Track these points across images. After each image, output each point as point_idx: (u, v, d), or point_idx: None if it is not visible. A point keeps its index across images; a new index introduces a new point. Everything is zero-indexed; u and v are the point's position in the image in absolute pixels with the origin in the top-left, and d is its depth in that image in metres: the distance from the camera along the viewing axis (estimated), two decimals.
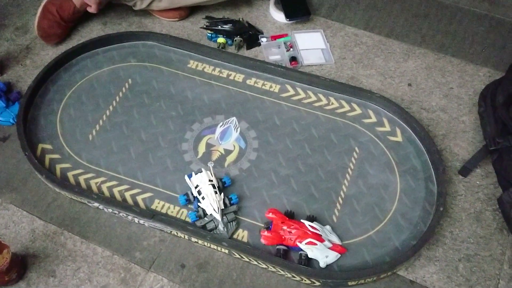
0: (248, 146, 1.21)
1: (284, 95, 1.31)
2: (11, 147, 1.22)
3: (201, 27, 1.48)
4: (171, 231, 1.07)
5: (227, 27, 1.44)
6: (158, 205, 1.12)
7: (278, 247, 1.03)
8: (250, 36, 1.45)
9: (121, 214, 1.09)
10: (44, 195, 1.14)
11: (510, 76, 1.25)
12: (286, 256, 1.03)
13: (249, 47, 1.44)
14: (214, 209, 1.05)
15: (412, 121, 1.22)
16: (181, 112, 1.27)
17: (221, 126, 1.24)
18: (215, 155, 1.19)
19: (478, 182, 1.18)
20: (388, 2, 1.58)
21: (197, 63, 1.38)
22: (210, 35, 1.45)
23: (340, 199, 1.12)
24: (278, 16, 1.51)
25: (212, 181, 1.10)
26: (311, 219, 1.07)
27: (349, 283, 1.00)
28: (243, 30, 1.44)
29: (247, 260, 1.03)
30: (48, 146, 1.20)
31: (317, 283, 1.00)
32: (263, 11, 1.54)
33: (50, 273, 1.03)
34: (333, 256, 1.02)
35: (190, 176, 1.12)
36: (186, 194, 1.11)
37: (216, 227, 1.06)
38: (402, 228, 1.08)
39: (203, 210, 1.07)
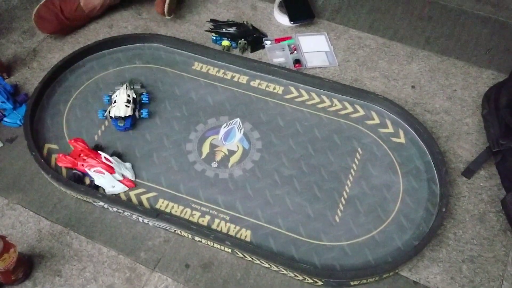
0: (251, 147, 1.22)
1: (287, 96, 1.32)
2: (18, 148, 1.23)
3: (205, 30, 1.49)
4: (175, 230, 1.08)
5: (231, 30, 1.45)
6: (162, 204, 1.13)
7: (74, 171, 1.14)
8: (254, 39, 1.46)
9: (125, 213, 1.10)
10: (51, 196, 1.15)
11: None
12: (80, 181, 1.14)
13: (253, 49, 1.45)
14: (123, 102, 1.22)
15: (415, 122, 1.22)
16: (185, 113, 1.28)
17: (225, 127, 1.25)
18: (219, 156, 1.20)
19: (481, 184, 1.18)
20: (391, 5, 1.59)
21: (201, 65, 1.39)
22: (214, 38, 1.46)
23: (343, 199, 1.13)
24: (282, 19, 1.52)
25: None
26: (114, 154, 1.18)
27: (352, 283, 1.01)
28: (247, 33, 1.45)
29: (250, 259, 1.04)
30: (55, 146, 1.22)
31: (320, 283, 1.00)
32: (267, 14, 1.56)
33: (56, 272, 1.05)
34: (120, 188, 1.13)
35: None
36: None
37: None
38: (404, 228, 1.08)
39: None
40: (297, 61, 1.40)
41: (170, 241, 1.09)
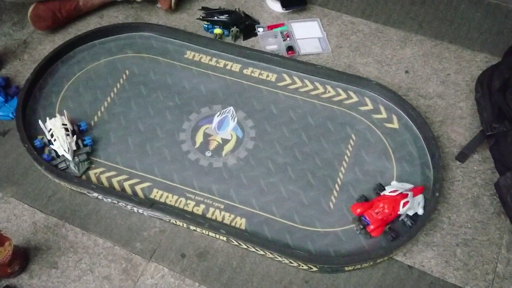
0: (245, 135, 1.22)
1: (281, 84, 1.31)
2: (11, 141, 1.23)
3: (197, 18, 1.48)
4: (170, 220, 1.08)
5: (223, 17, 1.43)
6: (156, 194, 1.13)
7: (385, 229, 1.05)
8: (246, 26, 1.45)
9: (120, 203, 1.10)
10: (45, 188, 1.15)
11: (506, 61, 1.26)
12: (396, 231, 1.05)
13: (246, 37, 1.44)
14: (64, 150, 1.13)
15: (408, 107, 1.22)
16: (178, 103, 1.27)
17: (218, 116, 1.25)
18: (213, 145, 1.20)
19: (475, 168, 1.18)
20: None
21: (194, 53, 1.38)
22: (206, 26, 1.44)
23: (336, 186, 1.13)
24: (274, 5, 1.50)
25: (65, 124, 1.17)
26: (381, 188, 1.10)
27: (346, 268, 1.01)
28: (239, 21, 1.44)
29: (246, 247, 1.05)
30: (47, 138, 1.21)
31: (315, 269, 1.01)
32: (259, 1, 1.54)
33: (52, 264, 1.05)
34: (421, 199, 1.07)
35: (44, 122, 1.18)
36: (42, 138, 1.18)
37: (67, 167, 1.14)
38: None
39: (56, 152, 1.16)
40: (290, 48, 1.39)
41: (165, 231, 1.09)
